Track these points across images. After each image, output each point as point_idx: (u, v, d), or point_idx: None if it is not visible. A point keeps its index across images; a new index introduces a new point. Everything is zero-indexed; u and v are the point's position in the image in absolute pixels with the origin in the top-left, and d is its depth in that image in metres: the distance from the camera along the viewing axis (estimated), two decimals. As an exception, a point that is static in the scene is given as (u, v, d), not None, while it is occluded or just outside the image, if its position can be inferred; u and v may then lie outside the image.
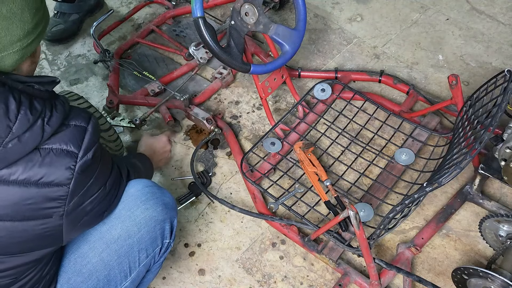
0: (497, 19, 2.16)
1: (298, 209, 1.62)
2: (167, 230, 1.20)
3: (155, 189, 1.21)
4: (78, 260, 1.11)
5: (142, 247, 1.16)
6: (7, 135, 0.83)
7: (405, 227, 1.59)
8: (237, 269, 1.54)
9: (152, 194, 1.18)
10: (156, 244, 1.19)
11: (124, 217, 1.14)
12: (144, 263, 1.18)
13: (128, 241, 1.13)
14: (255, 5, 1.54)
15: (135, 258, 1.15)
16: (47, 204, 0.91)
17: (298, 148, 1.67)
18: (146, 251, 1.17)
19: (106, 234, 1.13)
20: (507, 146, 1.34)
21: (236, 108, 1.96)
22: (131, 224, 1.14)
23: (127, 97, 1.95)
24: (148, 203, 1.16)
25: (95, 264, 1.11)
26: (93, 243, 1.13)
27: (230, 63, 1.48)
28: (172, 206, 1.22)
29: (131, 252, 1.14)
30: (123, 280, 1.15)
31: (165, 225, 1.19)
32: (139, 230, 1.14)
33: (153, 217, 1.16)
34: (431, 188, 1.15)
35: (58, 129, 0.91)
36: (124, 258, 1.14)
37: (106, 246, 1.12)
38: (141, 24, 2.33)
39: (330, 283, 1.49)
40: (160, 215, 1.17)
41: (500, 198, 1.62)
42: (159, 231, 1.18)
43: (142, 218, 1.15)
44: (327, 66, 2.08)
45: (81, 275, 1.10)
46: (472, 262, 1.50)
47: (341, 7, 2.32)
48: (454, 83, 1.51)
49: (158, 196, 1.19)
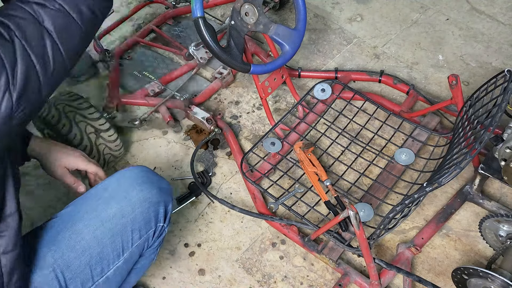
0: (497, 19, 2.16)
1: (298, 209, 1.62)
2: (161, 213, 1.21)
3: (152, 174, 1.22)
4: (73, 237, 1.12)
5: (136, 227, 1.16)
6: None
7: (405, 227, 1.59)
8: (237, 269, 1.54)
9: (148, 178, 1.20)
10: (149, 226, 1.20)
11: (119, 197, 1.15)
12: (137, 244, 1.19)
13: (122, 220, 1.14)
14: (255, 5, 1.54)
15: (128, 237, 1.16)
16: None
17: (298, 148, 1.67)
18: (139, 231, 1.18)
19: (102, 213, 1.14)
20: (507, 146, 1.34)
21: (236, 108, 1.96)
22: (125, 204, 1.15)
23: (127, 97, 1.95)
24: (144, 185, 1.18)
25: (89, 241, 1.12)
26: (88, 220, 1.14)
27: (230, 63, 1.48)
28: (167, 191, 1.23)
29: (124, 231, 1.15)
30: (115, 258, 1.16)
31: (159, 208, 1.20)
32: (133, 210, 1.15)
33: (148, 198, 1.17)
34: (431, 188, 1.15)
35: None
36: (117, 236, 1.14)
37: (101, 224, 1.13)
38: (141, 24, 2.34)
39: (330, 283, 1.49)
40: (154, 197, 1.18)
41: (500, 198, 1.62)
42: (153, 213, 1.19)
43: (136, 199, 1.16)
44: (327, 66, 2.08)
45: (75, 251, 1.11)
46: (472, 262, 1.50)
47: (341, 7, 2.32)
48: (454, 83, 1.51)
49: (154, 181, 1.21)
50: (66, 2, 0.87)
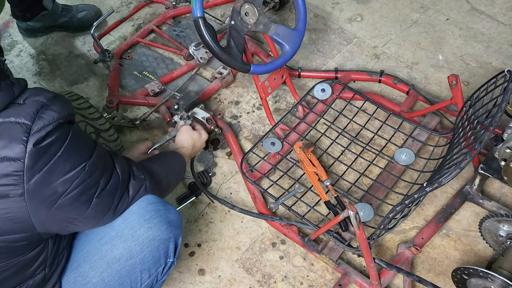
0: (497, 19, 2.16)
1: (298, 209, 1.62)
2: (171, 249, 1.15)
3: (160, 206, 1.15)
4: (78, 279, 1.08)
5: (145, 268, 1.11)
6: None
7: (405, 227, 1.59)
8: (237, 269, 1.54)
9: (156, 211, 1.12)
10: (159, 264, 1.14)
11: (126, 236, 1.09)
12: (146, 284, 1.14)
13: (130, 261, 1.09)
14: (255, 5, 1.54)
15: (137, 278, 1.11)
16: (1, 181, 0.83)
17: (298, 148, 1.67)
18: (148, 271, 1.12)
19: (108, 254, 1.09)
20: (507, 146, 1.34)
21: (236, 108, 1.96)
22: (133, 244, 1.09)
23: (127, 97, 1.95)
24: (152, 221, 1.11)
25: (96, 284, 1.07)
26: (94, 262, 1.09)
27: (230, 63, 1.48)
28: (177, 224, 1.17)
29: (133, 272, 1.10)
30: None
31: (169, 244, 1.14)
32: (142, 250, 1.10)
33: (157, 236, 1.11)
34: (431, 188, 1.15)
35: (8, 106, 0.85)
36: (125, 278, 1.09)
37: (108, 266, 1.08)
38: (141, 24, 2.33)
39: (330, 283, 1.49)
40: (164, 234, 1.12)
41: (500, 198, 1.62)
42: (163, 251, 1.13)
43: (145, 237, 1.10)
44: (327, 66, 2.08)
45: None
46: (472, 262, 1.50)
47: (341, 7, 2.32)
48: (454, 83, 1.51)
49: (162, 213, 1.13)
50: None
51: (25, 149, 0.83)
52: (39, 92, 0.89)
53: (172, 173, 1.33)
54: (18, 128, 0.83)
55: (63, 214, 0.95)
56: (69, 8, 2.28)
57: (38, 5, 2.16)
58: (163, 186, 1.24)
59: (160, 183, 1.21)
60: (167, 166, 1.32)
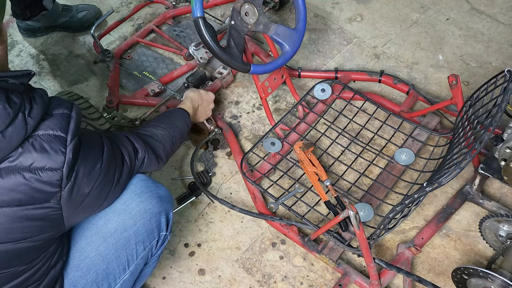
0: (497, 19, 2.16)
1: (298, 209, 1.62)
2: (163, 223, 1.21)
3: (150, 182, 1.21)
4: (76, 255, 1.12)
5: (139, 240, 1.16)
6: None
7: (405, 227, 1.59)
8: (237, 269, 1.54)
9: (146, 187, 1.19)
10: (152, 236, 1.20)
11: (119, 210, 1.15)
12: (142, 256, 1.19)
13: (124, 234, 1.14)
14: (255, 5, 1.54)
15: (132, 251, 1.16)
16: (43, 189, 0.91)
17: (298, 148, 1.67)
18: (143, 243, 1.18)
19: (102, 228, 1.14)
20: (507, 146, 1.34)
21: (236, 108, 1.96)
22: (126, 217, 1.14)
23: (127, 97, 1.95)
24: (143, 196, 1.17)
25: (93, 258, 1.12)
26: (90, 237, 1.14)
27: (230, 63, 1.48)
28: (167, 199, 1.23)
29: (128, 245, 1.15)
30: (121, 273, 1.16)
31: (161, 217, 1.20)
32: (135, 223, 1.15)
33: (148, 209, 1.17)
34: (431, 188, 1.15)
35: (42, 119, 0.92)
36: (121, 251, 1.14)
37: (103, 240, 1.13)
38: (141, 24, 2.33)
39: (330, 283, 1.49)
40: (155, 207, 1.18)
41: (500, 198, 1.62)
42: (155, 224, 1.19)
43: (137, 211, 1.15)
44: (327, 66, 2.08)
45: (80, 270, 1.11)
46: (472, 262, 1.50)
47: (341, 7, 2.32)
48: (454, 83, 1.51)
49: (152, 189, 1.20)
50: None
51: (64, 159, 0.92)
52: (60, 102, 0.97)
53: (176, 132, 1.42)
54: (56, 140, 0.92)
55: (88, 210, 1.06)
56: (69, 8, 2.28)
57: (38, 4, 2.16)
58: (167, 149, 1.34)
59: (163, 150, 1.32)
60: (170, 126, 1.41)
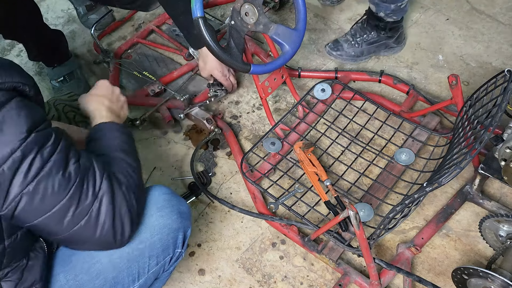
0: (497, 19, 2.16)
1: (298, 209, 1.62)
2: (179, 240, 1.18)
3: (172, 196, 1.19)
4: (87, 259, 1.10)
5: (153, 254, 1.14)
6: None
7: (405, 227, 1.59)
8: (237, 269, 1.54)
9: (168, 201, 1.17)
10: (167, 252, 1.17)
11: None
12: (154, 271, 1.17)
13: (139, 246, 1.12)
14: (255, 5, 1.54)
15: (145, 264, 1.14)
16: None
17: (298, 148, 1.67)
18: (156, 258, 1.15)
19: None
20: (507, 146, 1.34)
21: (236, 108, 1.96)
22: (144, 230, 1.12)
23: (127, 97, 1.94)
24: (164, 210, 1.15)
25: (105, 264, 1.10)
26: None
27: (230, 63, 1.48)
28: (187, 215, 1.21)
29: (141, 257, 1.13)
30: (130, 284, 1.14)
31: (179, 234, 1.18)
32: (152, 236, 1.13)
33: (167, 224, 1.15)
34: (431, 188, 1.15)
35: None
36: (133, 262, 1.12)
37: (118, 248, 1.10)
38: (141, 24, 2.33)
39: (330, 283, 1.49)
40: (174, 223, 1.16)
41: (500, 198, 1.62)
42: (172, 240, 1.16)
43: (156, 225, 1.13)
44: (327, 66, 2.08)
45: (89, 274, 1.09)
46: (472, 262, 1.50)
47: (341, 7, 2.32)
48: (454, 83, 1.51)
49: (174, 204, 1.18)
50: None
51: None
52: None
53: (123, 151, 1.14)
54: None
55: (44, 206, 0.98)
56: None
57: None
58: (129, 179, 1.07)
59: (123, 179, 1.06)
60: (112, 148, 1.14)
